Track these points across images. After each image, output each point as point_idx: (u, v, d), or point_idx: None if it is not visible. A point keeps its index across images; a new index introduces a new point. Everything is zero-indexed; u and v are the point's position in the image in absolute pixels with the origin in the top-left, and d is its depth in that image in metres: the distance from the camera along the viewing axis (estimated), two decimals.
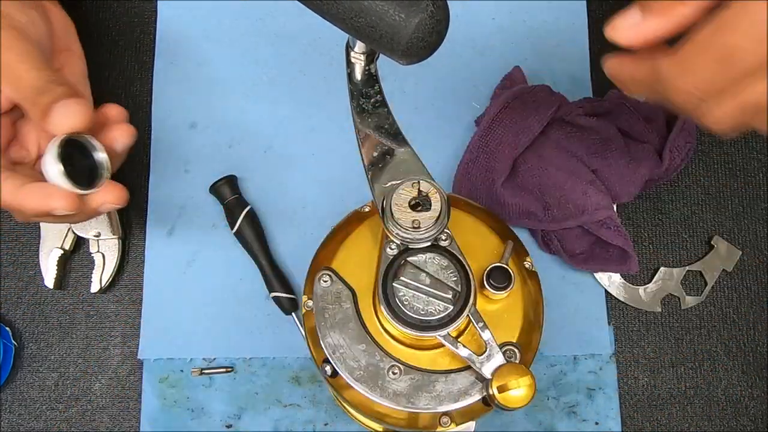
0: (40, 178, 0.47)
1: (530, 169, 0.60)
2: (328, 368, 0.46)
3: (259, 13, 0.68)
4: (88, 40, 0.68)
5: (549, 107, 0.60)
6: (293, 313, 0.61)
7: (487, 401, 0.45)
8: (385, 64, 0.46)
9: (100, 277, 0.62)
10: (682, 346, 0.62)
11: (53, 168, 0.45)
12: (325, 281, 0.48)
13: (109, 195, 0.49)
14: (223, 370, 0.61)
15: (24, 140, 0.51)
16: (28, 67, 0.47)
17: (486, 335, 0.44)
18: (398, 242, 0.44)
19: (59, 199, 0.46)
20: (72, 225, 0.62)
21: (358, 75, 0.48)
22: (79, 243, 0.63)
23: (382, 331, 0.47)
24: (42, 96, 0.46)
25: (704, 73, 0.38)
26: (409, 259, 0.44)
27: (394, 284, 0.43)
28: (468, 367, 0.45)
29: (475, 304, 0.44)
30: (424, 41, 0.39)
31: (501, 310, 0.47)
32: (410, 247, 0.44)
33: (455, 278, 0.43)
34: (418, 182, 0.43)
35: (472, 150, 0.61)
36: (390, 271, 0.44)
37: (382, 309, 0.43)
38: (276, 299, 0.61)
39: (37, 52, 0.48)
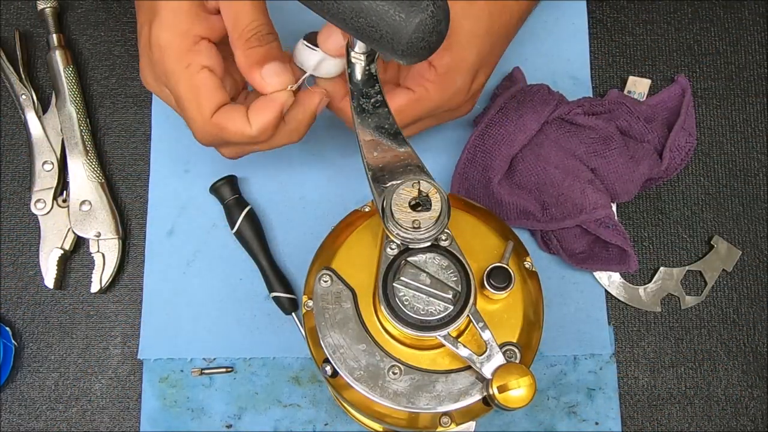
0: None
1: (528, 167, 0.60)
2: (328, 368, 0.46)
3: None
4: (88, 40, 0.68)
5: (546, 106, 0.60)
6: (293, 313, 0.61)
7: (488, 401, 0.45)
8: None
9: (100, 277, 0.62)
10: (682, 346, 0.62)
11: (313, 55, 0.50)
12: (325, 281, 0.48)
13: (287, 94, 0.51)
14: (223, 370, 0.61)
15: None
16: (249, 9, 0.49)
17: (486, 335, 0.44)
18: (398, 242, 0.44)
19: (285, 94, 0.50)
20: (72, 225, 0.62)
21: (358, 75, 0.48)
22: (79, 243, 0.63)
23: (383, 331, 0.46)
24: (257, 42, 0.49)
25: None
26: (409, 259, 0.44)
27: (394, 284, 0.43)
28: (468, 367, 0.45)
29: (475, 304, 0.44)
30: (425, 41, 0.39)
31: (501, 310, 0.47)
32: (410, 247, 0.44)
33: (455, 278, 0.43)
34: (419, 182, 0.43)
35: (469, 149, 0.61)
36: (390, 271, 0.44)
37: (383, 309, 0.43)
38: (276, 299, 0.61)
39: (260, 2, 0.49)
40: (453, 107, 0.56)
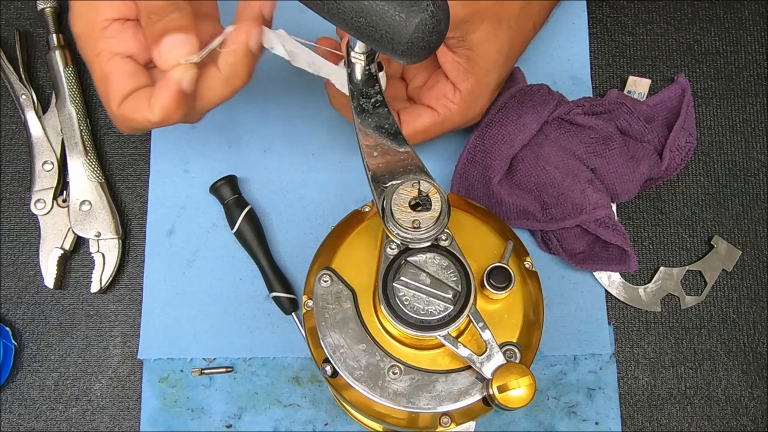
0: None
1: (528, 168, 0.60)
2: (328, 368, 0.46)
3: None
4: None
5: (546, 106, 0.60)
6: (293, 313, 0.61)
7: (488, 401, 0.45)
8: None
9: (100, 277, 0.62)
10: (682, 346, 0.62)
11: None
12: (325, 281, 0.48)
13: (180, 68, 0.47)
14: (223, 370, 0.61)
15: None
16: None
17: (486, 335, 0.44)
18: (398, 242, 0.44)
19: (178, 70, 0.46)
20: (72, 225, 0.62)
21: (358, 75, 0.48)
22: (79, 243, 0.63)
23: (383, 331, 0.46)
24: (155, 16, 0.46)
25: None
26: (409, 259, 0.44)
27: (394, 284, 0.43)
28: (468, 367, 0.45)
29: (475, 304, 0.44)
30: (425, 41, 0.39)
31: (501, 310, 0.47)
32: (410, 247, 0.44)
33: (455, 278, 0.43)
34: (419, 182, 0.43)
35: (469, 150, 0.61)
36: (390, 271, 0.44)
37: (383, 309, 0.43)
38: (276, 299, 0.61)
39: None
40: (470, 123, 0.59)
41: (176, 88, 0.46)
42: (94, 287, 0.62)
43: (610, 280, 0.62)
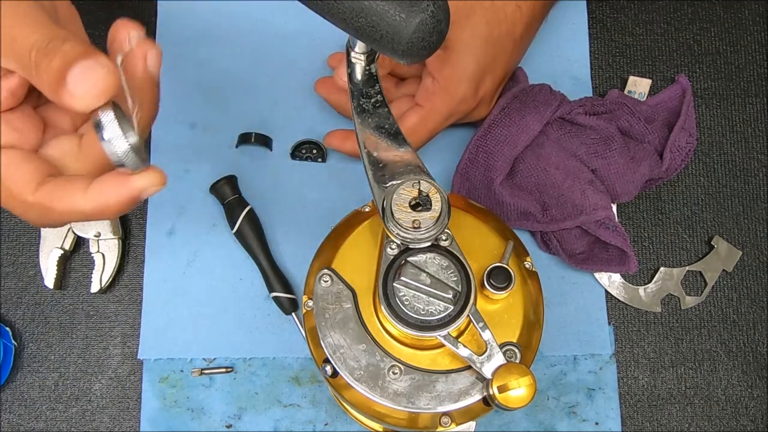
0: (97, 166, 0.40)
1: (529, 168, 0.60)
2: (328, 368, 0.46)
3: (259, 13, 0.68)
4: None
5: (548, 106, 0.60)
6: (293, 313, 0.61)
7: (488, 401, 0.45)
8: None
9: (100, 277, 0.62)
10: (682, 346, 0.62)
11: (122, 142, 0.37)
12: (326, 281, 0.48)
13: (151, 177, 0.39)
14: (223, 370, 0.61)
15: (57, 126, 0.43)
16: (22, 25, 0.37)
17: (486, 335, 0.44)
18: (398, 242, 0.44)
19: (147, 178, 0.39)
20: (72, 225, 0.62)
21: (359, 75, 0.48)
22: (79, 243, 0.63)
23: (383, 331, 0.46)
24: (45, 58, 0.36)
25: None
26: (409, 259, 0.44)
27: (394, 284, 0.43)
28: (468, 367, 0.45)
29: (475, 304, 0.44)
30: (425, 41, 0.39)
31: (501, 310, 0.47)
32: (410, 247, 0.44)
33: (455, 278, 0.43)
34: (419, 182, 0.43)
35: (471, 150, 0.61)
36: (390, 271, 0.44)
37: (383, 309, 0.43)
38: (276, 299, 0.61)
39: (38, 13, 0.38)
40: (463, 114, 0.58)
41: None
42: (94, 287, 0.62)
43: (610, 280, 0.62)
